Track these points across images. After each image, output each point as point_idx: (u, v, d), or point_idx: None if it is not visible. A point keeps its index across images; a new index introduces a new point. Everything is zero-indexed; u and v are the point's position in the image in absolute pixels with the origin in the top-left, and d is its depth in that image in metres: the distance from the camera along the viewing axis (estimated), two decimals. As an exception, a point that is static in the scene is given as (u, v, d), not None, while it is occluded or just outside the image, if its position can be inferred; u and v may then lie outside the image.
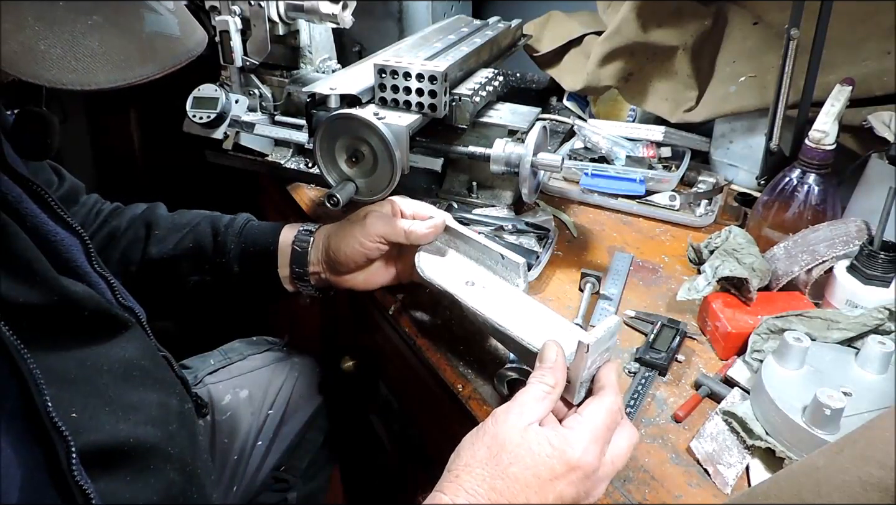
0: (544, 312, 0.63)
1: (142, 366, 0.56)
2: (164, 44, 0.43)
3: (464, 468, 0.47)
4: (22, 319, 0.46)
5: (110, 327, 0.55)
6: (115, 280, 0.62)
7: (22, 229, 0.50)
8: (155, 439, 0.53)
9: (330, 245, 0.74)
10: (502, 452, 0.47)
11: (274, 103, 1.02)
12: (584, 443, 0.47)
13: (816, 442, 0.54)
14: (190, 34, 0.46)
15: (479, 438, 0.49)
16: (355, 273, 0.76)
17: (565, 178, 1.05)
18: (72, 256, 0.57)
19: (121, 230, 0.80)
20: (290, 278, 0.78)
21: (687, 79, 1.08)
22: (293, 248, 0.76)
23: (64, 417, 0.45)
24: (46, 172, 0.75)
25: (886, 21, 0.87)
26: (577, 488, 0.47)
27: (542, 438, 0.47)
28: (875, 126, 0.83)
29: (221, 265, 0.77)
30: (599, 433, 0.48)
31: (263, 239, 0.77)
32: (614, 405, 0.50)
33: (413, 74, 0.75)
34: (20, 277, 0.47)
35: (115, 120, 1.72)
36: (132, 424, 0.52)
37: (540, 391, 0.51)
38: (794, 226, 0.80)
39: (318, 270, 0.76)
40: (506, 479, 0.46)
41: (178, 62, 0.44)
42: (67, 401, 0.48)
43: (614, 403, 0.51)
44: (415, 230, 0.70)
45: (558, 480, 0.47)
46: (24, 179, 0.56)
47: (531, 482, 0.46)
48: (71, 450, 0.44)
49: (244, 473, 0.90)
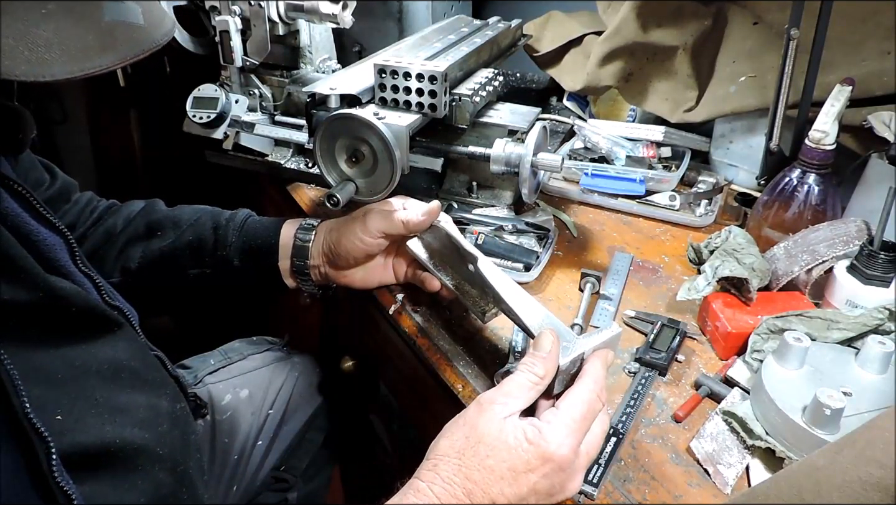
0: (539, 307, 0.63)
1: (131, 367, 0.55)
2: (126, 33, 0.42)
3: (442, 457, 0.48)
4: (7, 317, 0.45)
5: (98, 326, 0.54)
6: (101, 280, 0.62)
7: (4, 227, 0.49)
8: (143, 441, 0.52)
9: (331, 240, 0.74)
10: (480, 443, 0.48)
11: (274, 103, 1.02)
12: (559, 437, 0.48)
13: (816, 442, 0.54)
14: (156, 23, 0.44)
15: (459, 427, 0.50)
16: (354, 269, 0.77)
17: (565, 178, 1.05)
18: (55, 256, 0.56)
19: (118, 228, 0.79)
20: (291, 271, 0.78)
21: (687, 79, 1.08)
22: (294, 241, 0.76)
23: (48, 419, 0.45)
24: (38, 171, 0.75)
25: (886, 21, 0.87)
26: (551, 481, 0.48)
27: (519, 431, 0.48)
28: (875, 126, 0.83)
29: (222, 258, 0.77)
30: (576, 426, 0.49)
31: (265, 233, 0.78)
32: (592, 394, 0.51)
33: (413, 74, 0.75)
34: (4, 274, 0.47)
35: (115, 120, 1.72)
36: (119, 426, 0.51)
37: (527, 381, 0.51)
38: (794, 226, 0.80)
39: (318, 263, 0.77)
40: (482, 470, 0.47)
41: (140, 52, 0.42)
42: (53, 402, 0.47)
43: (592, 392, 0.51)
44: (411, 218, 0.70)
45: (533, 472, 0.48)
46: (4, 179, 0.55)
47: (506, 474, 0.47)
48: (51, 451, 0.43)
49: (244, 472, 0.90)
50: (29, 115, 0.55)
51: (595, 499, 0.55)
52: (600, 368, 0.53)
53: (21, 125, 0.54)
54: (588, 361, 0.54)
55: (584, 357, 0.55)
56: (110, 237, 0.79)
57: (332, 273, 0.77)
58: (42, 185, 0.76)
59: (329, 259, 0.76)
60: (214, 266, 0.78)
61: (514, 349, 0.71)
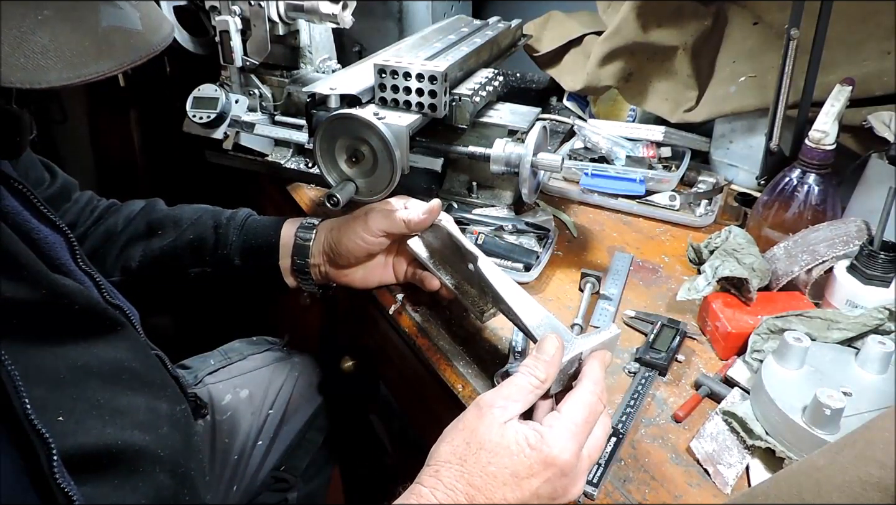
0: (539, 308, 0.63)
1: (132, 368, 0.55)
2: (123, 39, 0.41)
3: (444, 463, 0.48)
4: (10, 316, 0.45)
5: (100, 325, 0.54)
6: (102, 278, 0.61)
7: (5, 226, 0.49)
8: (143, 443, 0.52)
9: (332, 239, 0.75)
10: (482, 449, 0.48)
11: (274, 103, 1.02)
12: (561, 442, 0.48)
13: (816, 442, 0.54)
14: (154, 28, 0.44)
15: (459, 431, 0.50)
16: (355, 268, 0.77)
17: (565, 178, 1.05)
18: (56, 254, 0.56)
19: (119, 227, 0.79)
20: (291, 270, 0.78)
21: (687, 79, 1.08)
22: (295, 240, 0.76)
23: (49, 420, 0.45)
24: (38, 170, 0.75)
25: (886, 21, 0.87)
26: (553, 485, 0.48)
27: (520, 436, 0.48)
28: (875, 126, 0.83)
29: (222, 257, 0.77)
30: (578, 430, 0.49)
31: (265, 232, 0.78)
32: (593, 396, 0.51)
33: (413, 74, 0.75)
34: (6, 272, 0.46)
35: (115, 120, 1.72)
36: (120, 428, 0.51)
37: (528, 384, 0.51)
38: (794, 226, 0.80)
39: (318, 262, 0.77)
40: (484, 476, 0.47)
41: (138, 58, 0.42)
42: (55, 403, 0.47)
43: (593, 394, 0.51)
44: (412, 217, 0.70)
45: (535, 477, 0.47)
46: (5, 177, 0.55)
47: (508, 480, 0.47)
48: (52, 453, 0.43)
49: (244, 473, 0.90)
50: (27, 118, 0.54)
51: (595, 499, 0.55)
52: (599, 370, 0.53)
53: (19, 128, 0.54)
54: (586, 362, 0.54)
55: (582, 357, 0.55)
56: (111, 236, 0.79)
57: (332, 272, 0.77)
58: (42, 185, 0.76)
59: (330, 258, 0.76)
60: (215, 265, 0.78)
61: (514, 349, 0.71)
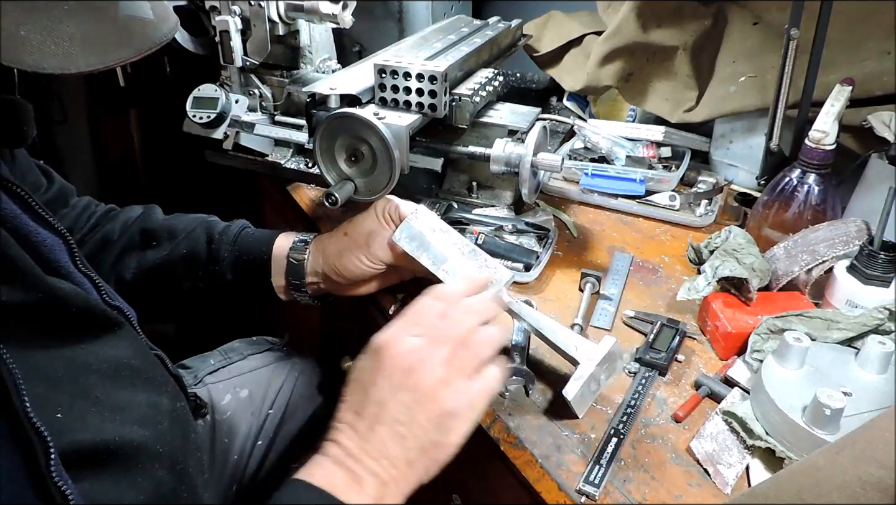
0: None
1: (131, 365, 0.55)
2: (140, 27, 0.44)
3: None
4: (7, 318, 0.46)
5: (98, 326, 0.54)
6: (101, 280, 0.62)
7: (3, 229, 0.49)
8: (143, 438, 0.52)
9: (331, 262, 0.74)
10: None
11: (274, 103, 1.02)
12: (382, 333, 0.54)
13: (816, 442, 0.54)
14: (164, 18, 0.47)
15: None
16: (357, 285, 0.76)
17: (565, 178, 1.05)
18: (55, 257, 0.56)
19: (115, 235, 0.79)
20: (286, 288, 0.78)
21: (687, 79, 1.08)
22: (289, 261, 0.76)
23: (48, 417, 0.45)
24: (35, 175, 0.75)
25: (886, 21, 0.87)
26: (391, 380, 0.53)
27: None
28: (875, 126, 0.83)
29: (215, 273, 0.77)
30: (404, 323, 0.55)
31: (257, 248, 0.77)
32: (426, 298, 0.57)
33: (413, 74, 0.75)
34: (3, 275, 0.47)
35: (115, 120, 1.72)
36: (119, 424, 0.51)
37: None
38: (794, 226, 0.80)
39: (315, 280, 0.76)
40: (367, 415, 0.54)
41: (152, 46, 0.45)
42: (54, 401, 0.47)
43: (427, 297, 0.57)
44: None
45: (371, 372, 0.54)
46: (3, 181, 0.54)
47: (358, 390, 0.55)
48: (49, 450, 0.44)
49: (244, 472, 0.90)
50: (30, 108, 0.55)
51: (596, 499, 0.55)
52: (456, 284, 0.60)
53: (24, 117, 0.55)
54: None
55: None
56: (107, 244, 0.79)
57: (332, 288, 0.77)
58: (39, 189, 0.75)
59: (328, 277, 0.75)
60: (207, 280, 0.78)
61: (514, 347, 0.71)
